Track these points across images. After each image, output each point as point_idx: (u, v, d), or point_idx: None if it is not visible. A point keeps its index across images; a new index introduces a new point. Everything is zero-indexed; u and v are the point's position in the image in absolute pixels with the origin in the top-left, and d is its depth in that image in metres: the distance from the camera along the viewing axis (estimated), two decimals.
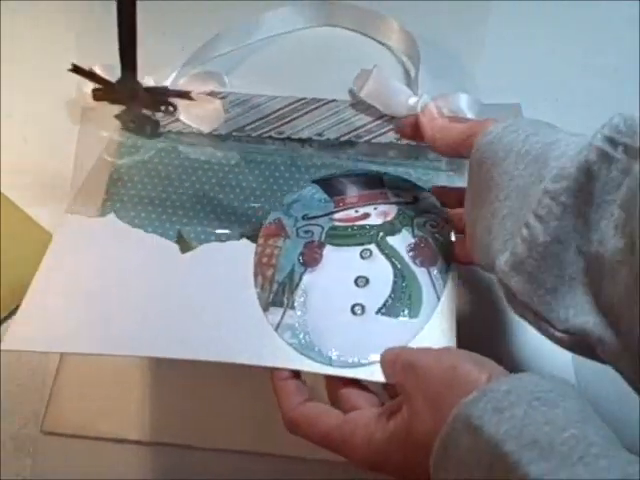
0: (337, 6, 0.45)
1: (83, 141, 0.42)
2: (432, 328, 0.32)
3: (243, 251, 0.35)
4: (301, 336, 0.32)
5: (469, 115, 0.43)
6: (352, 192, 0.38)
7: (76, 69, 0.36)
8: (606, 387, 0.36)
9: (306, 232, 0.36)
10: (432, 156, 0.42)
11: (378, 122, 0.45)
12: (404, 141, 0.43)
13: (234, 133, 0.41)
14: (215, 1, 0.47)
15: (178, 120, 0.40)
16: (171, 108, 0.38)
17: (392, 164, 0.41)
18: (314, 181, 0.39)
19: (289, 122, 0.43)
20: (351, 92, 0.46)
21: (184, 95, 0.38)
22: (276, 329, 0.32)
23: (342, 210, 0.37)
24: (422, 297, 0.33)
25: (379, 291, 0.33)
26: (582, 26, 0.51)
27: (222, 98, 0.42)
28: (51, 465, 0.36)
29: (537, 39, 0.50)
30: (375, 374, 0.30)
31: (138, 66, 0.36)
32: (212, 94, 0.40)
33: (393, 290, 0.33)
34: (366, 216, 0.36)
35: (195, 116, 0.39)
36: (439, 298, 0.33)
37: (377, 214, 0.36)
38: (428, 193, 0.38)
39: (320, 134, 0.43)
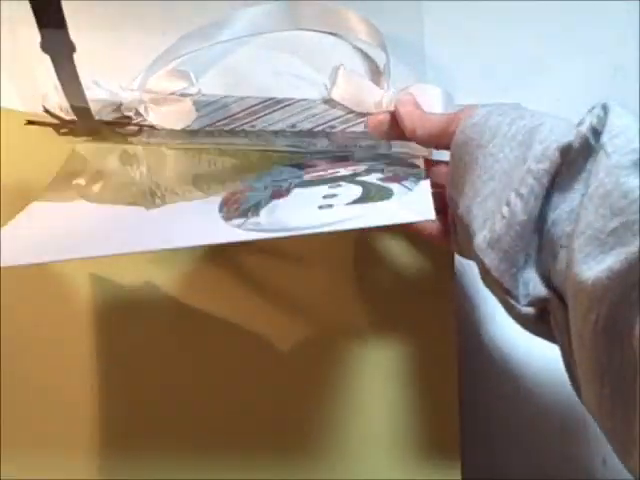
0: (302, 6, 0.46)
1: None
2: (406, 202, 0.31)
3: (210, 201, 0.35)
4: (266, 227, 0.30)
5: (438, 107, 0.40)
6: (322, 164, 0.39)
7: (31, 122, 0.38)
8: None
9: (274, 186, 0.36)
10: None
11: (352, 115, 0.45)
12: None
13: (206, 128, 0.42)
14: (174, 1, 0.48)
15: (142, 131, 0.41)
16: (136, 128, 0.39)
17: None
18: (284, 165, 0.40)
19: (261, 117, 0.44)
20: (326, 87, 0.46)
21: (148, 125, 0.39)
22: (238, 228, 0.31)
23: (312, 173, 0.37)
24: (393, 193, 0.31)
25: (348, 196, 0.32)
26: (582, 26, 0.51)
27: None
28: None
29: (536, 38, 0.50)
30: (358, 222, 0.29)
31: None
32: (181, 95, 0.41)
33: (363, 192, 0.32)
34: (335, 173, 0.36)
35: (165, 117, 0.40)
36: (411, 190, 0.32)
37: (347, 171, 0.36)
38: (401, 158, 0.38)
39: (293, 125, 0.44)
